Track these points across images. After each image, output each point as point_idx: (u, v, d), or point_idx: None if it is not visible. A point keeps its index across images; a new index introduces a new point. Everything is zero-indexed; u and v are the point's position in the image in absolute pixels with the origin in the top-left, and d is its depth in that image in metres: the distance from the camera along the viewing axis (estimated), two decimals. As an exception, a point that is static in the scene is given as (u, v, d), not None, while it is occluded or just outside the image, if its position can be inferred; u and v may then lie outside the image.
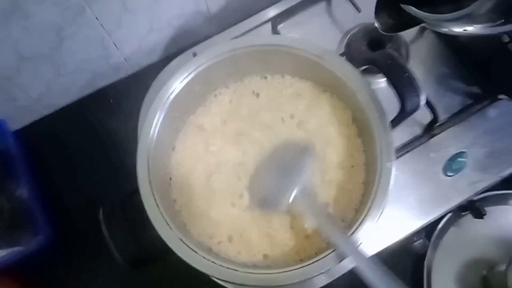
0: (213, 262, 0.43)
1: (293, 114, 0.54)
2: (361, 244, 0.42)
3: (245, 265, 0.46)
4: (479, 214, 0.63)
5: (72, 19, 0.60)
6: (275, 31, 0.67)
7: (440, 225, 0.67)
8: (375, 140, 0.47)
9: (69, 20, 0.60)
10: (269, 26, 0.68)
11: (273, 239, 0.48)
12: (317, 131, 0.53)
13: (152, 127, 0.48)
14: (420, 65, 0.66)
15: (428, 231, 0.66)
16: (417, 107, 0.48)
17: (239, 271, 0.43)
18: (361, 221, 0.44)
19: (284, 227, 0.49)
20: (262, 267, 0.46)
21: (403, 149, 0.60)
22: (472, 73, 0.65)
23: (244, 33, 0.67)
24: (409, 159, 0.60)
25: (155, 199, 0.44)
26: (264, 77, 0.56)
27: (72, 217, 0.70)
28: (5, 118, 0.69)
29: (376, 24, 0.54)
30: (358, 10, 0.66)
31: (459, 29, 0.47)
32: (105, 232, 0.47)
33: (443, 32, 0.52)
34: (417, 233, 0.61)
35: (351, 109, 0.53)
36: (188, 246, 0.43)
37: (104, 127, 0.72)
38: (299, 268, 0.42)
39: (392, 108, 0.49)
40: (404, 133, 0.61)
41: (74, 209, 0.70)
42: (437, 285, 0.66)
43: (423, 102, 0.48)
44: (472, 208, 0.63)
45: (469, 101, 0.63)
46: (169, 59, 0.65)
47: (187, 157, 0.52)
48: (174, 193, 0.51)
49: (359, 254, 0.41)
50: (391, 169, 0.46)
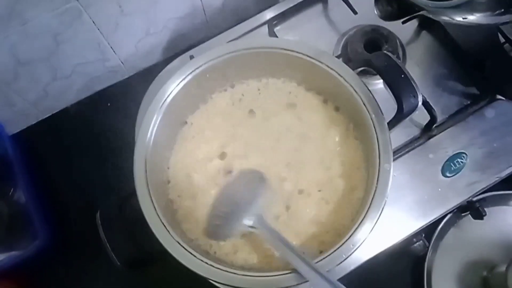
0: (211, 265, 0.43)
1: (289, 119, 0.54)
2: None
3: (242, 267, 0.46)
4: (479, 215, 0.62)
5: (68, 23, 0.60)
6: (272, 34, 0.67)
7: (439, 226, 0.67)
8: (372, 142, 0.48)
9: (66, 24, 0.60)
10: (265, 28, 0.68)
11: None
12: (313, 135, 0.53)
13: (149, 130, 0.48)
14: (416, 66, 0.66)
15: (427, 233, 0.65)
16: (414, 108, 0.48)
17: (237, 274, 0.42)
18: (360, 223, 0.44)
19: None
20: (259, 269, 0.46)
21: (401, 150, 0.60)
22: (469, 73, 0.65)
23: (240, 36, 0.67)
24: (408, 160, 0.60)
25: (152, 201, 0.44)
26: (260, 80, 0.56)
27: (70, 220, 0.70)
28: (3, 122, 0.69)
29: (375, 11, 0.54)
30: (354, 12, 0.66)
31: (459, 17, 0.47)
32: (102, 235, 0.47)
33: (443, 21, 0.51)
34: (417, 235, 0.61)
35: (348, 111, 0.53)
36: (185, 248, 0.43)
37: (101, 130, 0.72)
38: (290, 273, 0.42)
39: (389, 109, 0.49)
40: (402, 134, 0.61)
41: (72, 212, 0.70)
42: (437, 286, 0.66)
43: (420, 103, 0.47)
44: (471, 209, 0.63)
45: (466, 102, 0.63)
46: (166, 62, 0.64)
47: (185, 160, 0.52)
48: (171, 195, 0.51)
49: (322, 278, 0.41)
50: (390, 170, 0.46)
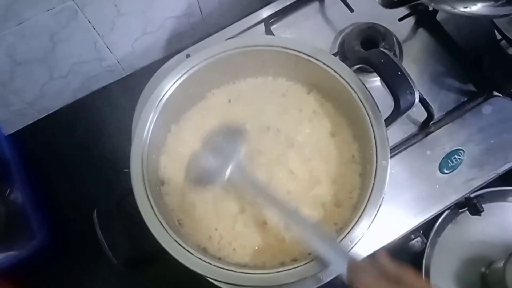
0: (208, 263, 0.43)
1: (286, 118, 0.54)
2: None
3: (240, 265, 0.46)
4: (477, 210, 0.62)
5: (65, 23, 0.60)
6: (269, 32, 0.67)
7: (437, 223, 0.67)
8: (369, 138, 0.48)
9: (62, 24, 0.60)
10: (262, 27, 0.68)
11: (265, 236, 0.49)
12: (309, 134, 0.53)
13: (145, 128, 0.48)
14: (413, 63, 0.66)
15: (425, 229, 0.65)
16: (411, 105, 0.48)
17: (235, 272, 0.43)
18: (357, 220, 0.44)
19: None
20: (257, 267, 0.46)
21: (399, 148, 0.60)
22: (465, 70, 0.65)
23: (237, 34, 0.67)
24: (405, 157, 0.60)
25: (149, 199, 0.44)
26: (256, 78, 0.56)
27: (68, 219, 0.69)
28: (-1, 122, 0.69)
29: (376, -1, 0.54)
30: (350, 10, 0.66)
31: (460, 7, 0.48)
32: (99, 233, 0.47)
33: (444, 10, 0.51)
34: (415, 231, 0.61)
35: (344, 108, 0.53)
36: (183, 247, 0.43)
37: (98, 130, 0.72)
38: (295, 268, 0.42)
39: (386, 106, 0.49)
40: (399, 131, 0.61)
41: (70, 211, 0.70)
42: (435, 283, 0.66)
43: (417, 99, 0.47)
44: (469, 205, 0.63)
45: (463, 99, 0.63)
46: (163, 61, 0.64)
47: (181, 158, 0.52)
48: (168, 194, 0.51)
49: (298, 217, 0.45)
50: (387, 167, 0.46)
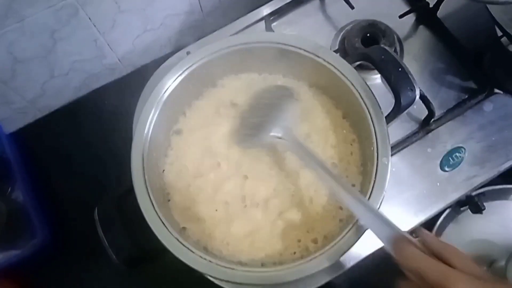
0: (209, 261, 0.43)
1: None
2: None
3: (241, 263, 0.46)
4: (478, 208, 0.62)
5: (65, 21, 0.60)
6: (269, 29, 0.67)
7: (438, 222, 0.66)
8: (370, 135, 0.47)
9: (63, 21, 0.60)
10: (262, 24, 0.68)
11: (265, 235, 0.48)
12: (311, 131, 0.53)
13: (146, 125, 0.48)
14: (414, 61, 0.66)
15: (427, 228, 0.65)
16: (412, 102, 0.48)
17: (235, 270, 0.42)
18: (357, 219, 0.44)
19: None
20: (259, 265, 0.46)
21: (400, 145, 0.60)
22: (466, 68, 0.65)
23: (238, 32, 0.67)
24: (406, 155, 0.60)
25: (150, 197, 0.44)
26: (258, 75, 0.56)
27: (69, 218, 0.69)
28: (0, 120, 0.69)
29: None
30: (351, 7, 0.66)
31: None
32: (100, 232, 0.47)
33: None
34: (416, 230, 0.61)
35: (345, 105, 0.53)
36: (184, 245, 0.43)
37: (99, 128, 0.72)
38: (297, 265, 0.42)
39: (387, 104, 0.48)
40: (400, 128, 0.61)
41: (71, 210, 0.69)
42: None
43: (418, 96, 0.47)
44: (470, 203, 0.63)
45: (464, 96, 0.63)
46: (164, 59, 0.64)
47: (183, 154, 0.52)
48: (169, 191, 0.51)
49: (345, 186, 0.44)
50: (388, 164, 0.46)
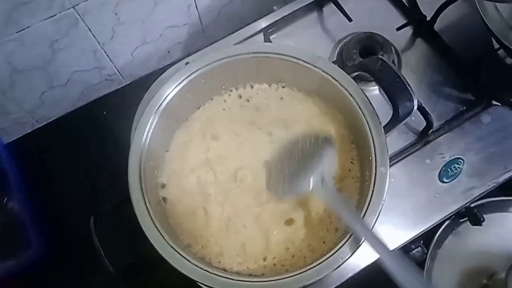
0: (206, 270, 0.42)
1: (286, 124, 0.54)
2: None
3: (238, 273, 0.45)
4: (477, 220, 0.62)
5: (65, 31, 0.61)
6: (268, 41, 0.68)
7: (437, 234, 0.65)
8: (368, 145, 0.47)
9: (63, 32, 0.60)
10: (261, 36, 0.68)
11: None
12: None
13: (144, 133, 0.48)
14: (411, 73, 0.66)
15: (426, 239, 0.64)
16: (410, 112, 0.48)
17: (233, 280, 0.42)
18: (357, 227, 0.44)
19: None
20: (256, 275, 0.45)
21: (398, 156, 0.60)
22: (464, 80, 0.65)
23: (236, 44, 0.68)
24: (405, 166, 0.60)
25: (146, 206, 0.44)
26: (255, 86, 0.56)
27: (66, 229, 0.68)
28: (-2, 131, 0.69)
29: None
30: (349, 19, 0.66)
31: None
32: (95, 241, 0.46)
33: None
34: (415, 241, 0.60)
35: (343, 115, 0.53)
36: (180, 254, 0.42)
37: (97, 139, 0.72)
38: (294, 275, 0.42)
39: (385, 116, 0.49)
40: (398, 140, 0.61)
41: (67, 221, 0.69)
42: (436, 296, 0.65)
43: (416, 107, 0.47)
44: (469, 214, 0.62)
45: (462, 108, 0.64)
46: (163, 70, 0.64)
47: (181, 163, 0.52)
48: (166, 200, 0.50)
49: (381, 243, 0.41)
50: (386, 173, 0.46)
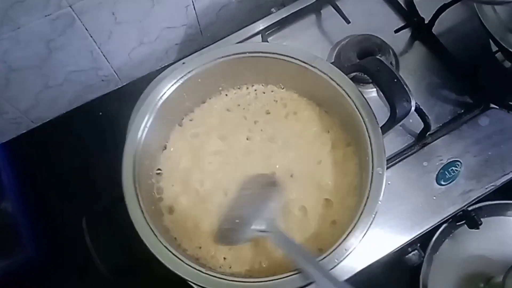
0: (199, 270, 0.41)
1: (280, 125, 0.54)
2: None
3: (232, 274, 0.45)
4: (475, 223, 0.61)
5: (61, 30, 0.60)
6: (265, 43, 0.68)
7: (434, 237, 0.65)
8: (365, 145, 0.47)
9: (59, 31, 0.60)
10: (259, 38, 0.68)
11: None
12: (303, 144, 0.53)
13: (139, 132, 0.47)
14: (409, 75, 0.66)
15: (422, 243, 0.64)
16: (407, 113, 0.47)
17: (226, 280, 0.41)
18: (353, 228, 0.43)
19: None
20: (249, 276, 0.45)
21: (395, 158, 0.60)
22: (462, 83, 0.65)
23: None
24: (402, 168, 0.60)
25: (140, 205, 0.43)
26: (252, 86, 0.56)
27: (60, 230, 0.67)
28: (-8, 131, 0.69)
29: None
30: (347, 21, 0.66)
31: None
32: (87, 241, 0.45)
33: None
34: (412, 244, 0.60)
35: (340, 115, 0.52)
36: (173, 254, 0.42)
37: (92, 140, 0.71)
38: (288, 276, 0.41)
39: (382, 118, 0.48)
40: (396, 142, 0.61)
41: (61, 222, 0.68)
42: (434, 300, 0.64)
43: (413, 108, 0.47)
44: (467, 217, 0.62)
45: (460, 111, 0.63)
46: (160, 72, 0.63)
47: (175, 164, 0.51)
48: (160, 199, 0.50)
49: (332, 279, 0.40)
50: (383, 174, 0.45)
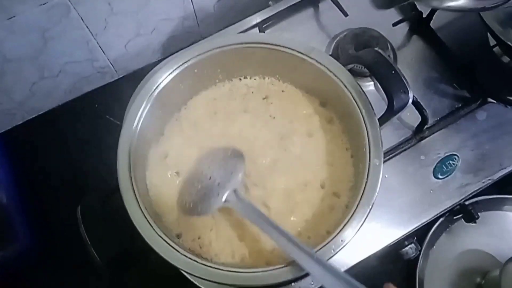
0: (194, 260, 0.41)
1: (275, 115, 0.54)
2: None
3: (225, 265, 0.44)
4: (471, 217, 0.61)
5: (57, 20, 0.60)
6: (262, 35, 0.67)
7: (431, 232, 0.65)
8: (362, 136, 0.47)
9: (54, 20, 0.59)
10: (256, 31, 0.68)
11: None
12: (298, 130, 0.53)
13: (135, 121, 0.47)
14: (407, 69, 0.66)
15: (419, 236, 0.64)
16: (405, 105, 0.47)
17: (222, 270, 0.41)
18: (349, 219, 0.43)
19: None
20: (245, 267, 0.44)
21: (393, 152, 0.60)
22: (459, 77, 0.65)
23: (231, 37, 0.67)
24: (399, 161, 0.59)
25: (135, 194, 0.43)
26: (250, 77, 0.56)
27: (54, 222, 0.67)
28: (-14, 122, 0.68)
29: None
30: (345, 14, 0.66)
31: (448, 2, 0.51)
32: (82, 231, 0.45)
33: (433, 7, 0.56)
34: (408, 238, 0.59)
35: (337, 106, 0.52)
36: (169, 244, 0.41)
37: (88, 132, 0.71)
38: (284, 266, 0.41)
39: (380, 111, 0.48)
40: (393, 135, 0.61)
41: (56, 214, 0.67)
42: (430, 295, 0.64)
43: (411, 100, 0.47)
44: (464, 211, 0.62)
45: (457, 105, 0.63)
46: (156, 64, 0.63)
47: (171, 153, 0.51)
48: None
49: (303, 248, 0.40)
50: (380, 165, 0.45)
